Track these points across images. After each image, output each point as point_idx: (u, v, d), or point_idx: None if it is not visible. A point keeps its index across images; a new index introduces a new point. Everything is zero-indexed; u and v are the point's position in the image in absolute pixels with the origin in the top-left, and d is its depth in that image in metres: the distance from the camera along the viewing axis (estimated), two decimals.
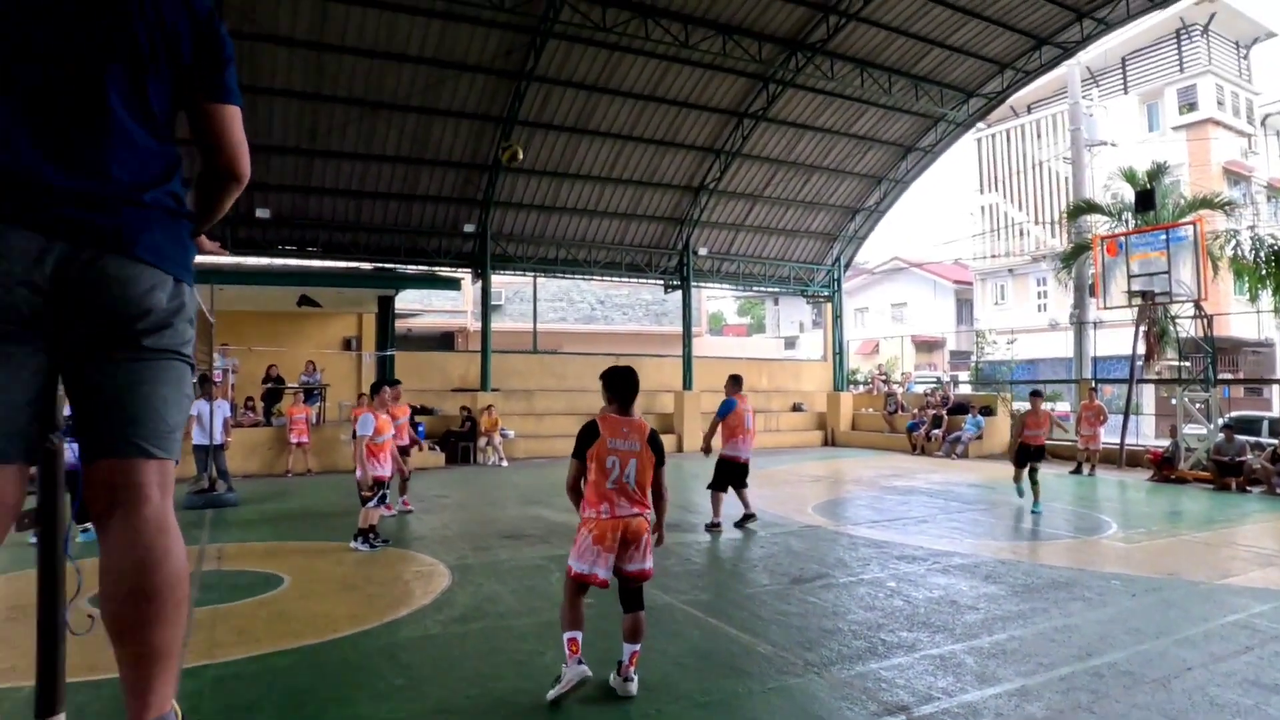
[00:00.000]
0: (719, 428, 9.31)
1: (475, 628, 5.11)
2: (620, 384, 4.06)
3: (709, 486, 9.14)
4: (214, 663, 4.35)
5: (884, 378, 26.59)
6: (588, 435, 3.94)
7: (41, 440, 1.62)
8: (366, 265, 18.93)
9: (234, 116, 1.79)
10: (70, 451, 1.72)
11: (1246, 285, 15.21)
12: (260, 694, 3.96)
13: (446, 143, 17.62)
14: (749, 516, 8.97)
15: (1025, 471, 10.79)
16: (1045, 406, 11.59)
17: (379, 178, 17.81)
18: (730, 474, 9.10)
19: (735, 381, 9.50)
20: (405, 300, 23.56)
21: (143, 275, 1.58)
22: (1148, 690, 3.99)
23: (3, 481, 1.52)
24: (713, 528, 8.75)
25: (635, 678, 3.87)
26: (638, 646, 3.91)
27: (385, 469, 8.11)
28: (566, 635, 3.80)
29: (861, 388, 26.95)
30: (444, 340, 30.40)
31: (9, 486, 1.54)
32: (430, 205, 18.82)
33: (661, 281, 22.83)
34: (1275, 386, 17.78)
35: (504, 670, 4.10)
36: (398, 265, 19.13)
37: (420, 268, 19.54)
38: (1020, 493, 10.88)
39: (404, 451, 10.42)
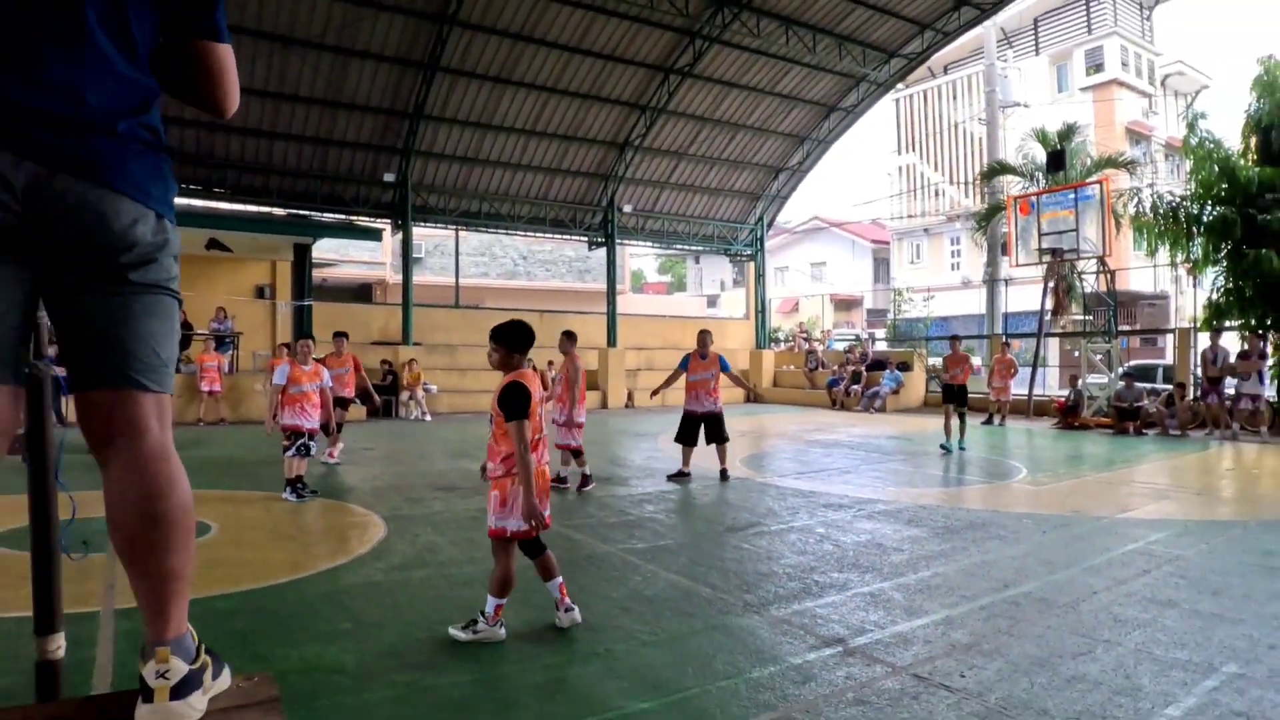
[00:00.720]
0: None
1: (418, 575, 5.11)
2: (526, 338, 4.03)
3: (725, 441, 9.16)
4: None
5: (805, 336, 27.17)
6: (525, 395, 3.86)
7: (26, 364, 1.59)
8: (280, 210, 18.23)
9: (230, 55, 1.75)
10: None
11: (1145, 241, 16.05)
12: (202, 635, 3.86)
13: (364, 86, 17.01)
14: (686, 475, 9.04)
15: (953, 413, 11.60)
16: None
17: (292, 118, 17.09)
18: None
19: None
20: (321, 250, 22.84)
21: (123, 208, 1.54)
22: (1059, 613, 4.29)
23: (3, 401, 1.52)
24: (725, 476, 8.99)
25: (575, 607, 4.03)
26: (560, 578, 4.06)
27: (310, 420, 7.92)
28: (498, 601, 3.86)
29: (783, 345, 27.48)
30: (361, 292, 29.69)
31: (11, 407, 1.54)
32: (348, 151, 18.20)
33: (586, 238, 22.70)
34: (1169, 336, 18.93)
35: (450, 615, 4.10)
36: (313, 212, 18.50)
37: (338, 216, 18.95)
38: (947, 447, 11.53)
39: (344, 403, 10.29)
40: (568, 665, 3.62)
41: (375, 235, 20.16)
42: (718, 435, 9.10)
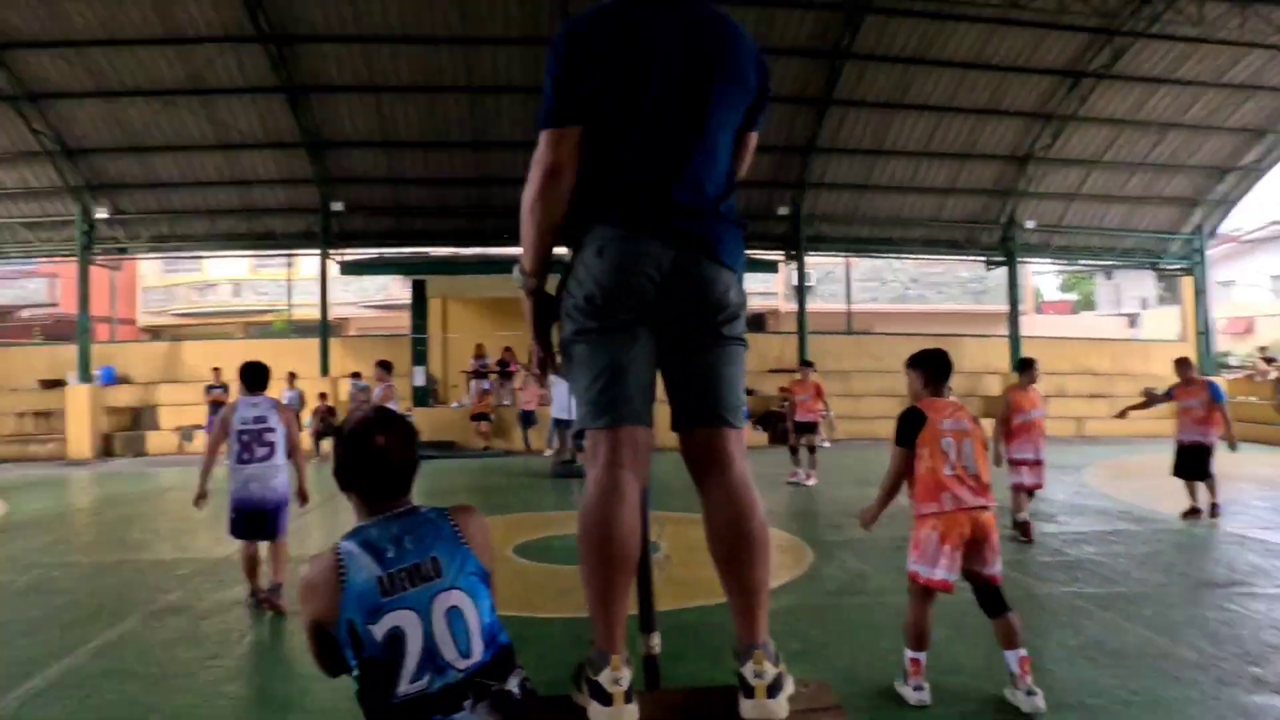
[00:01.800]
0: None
1: (853, 601, 5.40)
2: (939, 366, 3.88)
3: (1205, 478, 8.46)
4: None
5: (1268, 360, 22.72)
6: (914, 420, 3.72)
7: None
8: None
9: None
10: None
11: None
12: (681, 646, 4.15)
13: (764, 127, 17.80)
14: (1196, 511, 8.34)
15: None
16: None
17: None
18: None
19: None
20: None
21: (722, 276, 1.91)
22: None
23: (645, 439, 1.91)
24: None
25: (1039, 691, 3.46)
26: (1024, 651, 3.50)
27: None
28: (911, 655, 3.62)
29: (1238, 373, 23.30)
30: (754, 322, 30.96)
31: (649, 443, 1.93)
32: (743, 190, 19.08)
33: (983, 258, 21.48)
34: None
35: (893, 644, 4.05)
36: None
37: None
38: None
39: (813, 427, 11.08)
40: (1043, 715, 3.43)
41: (773, 268, 20.99)
42: (1197, 469, 8.30)
